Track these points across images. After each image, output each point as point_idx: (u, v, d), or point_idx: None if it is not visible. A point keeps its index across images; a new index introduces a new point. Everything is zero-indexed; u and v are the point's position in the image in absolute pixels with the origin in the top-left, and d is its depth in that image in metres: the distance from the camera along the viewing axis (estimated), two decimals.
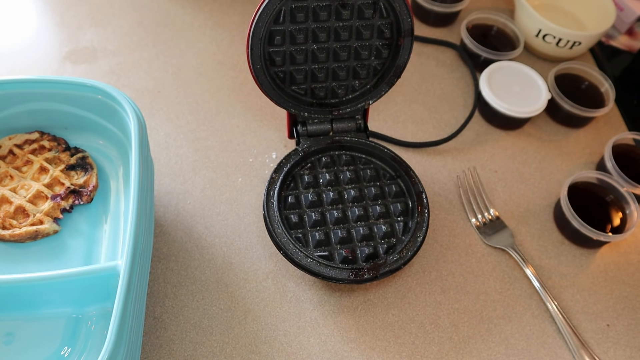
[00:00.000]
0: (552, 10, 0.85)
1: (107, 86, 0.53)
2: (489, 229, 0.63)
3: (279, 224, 0.55)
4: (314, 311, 0.56)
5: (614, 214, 0.64)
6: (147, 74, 0.73)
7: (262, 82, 0.55)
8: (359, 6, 0.53)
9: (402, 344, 0.55)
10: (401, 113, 0.73)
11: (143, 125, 0.52)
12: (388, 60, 0.58)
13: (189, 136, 0.68)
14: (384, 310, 0.57)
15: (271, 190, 0.57)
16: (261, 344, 0.53)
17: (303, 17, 0.53)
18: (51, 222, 0.54)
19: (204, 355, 0.52)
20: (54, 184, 0.56)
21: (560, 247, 0.63)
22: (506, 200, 0.66)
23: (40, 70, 0.72)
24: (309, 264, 0.53)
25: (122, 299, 0.41)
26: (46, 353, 0.47)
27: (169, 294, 0.56)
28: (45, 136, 0.58)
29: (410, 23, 0.54)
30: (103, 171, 0.59)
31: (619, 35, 0.87)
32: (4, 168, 0.56)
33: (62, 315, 0.49)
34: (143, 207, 0.48)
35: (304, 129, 0.60)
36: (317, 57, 0.56)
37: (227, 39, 0.78)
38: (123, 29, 0.77)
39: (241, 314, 0.55)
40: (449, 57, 0.81)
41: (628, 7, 0.86)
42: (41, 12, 0.79)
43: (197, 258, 0.58)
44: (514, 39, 0.80)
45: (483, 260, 0.61)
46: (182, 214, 0.61)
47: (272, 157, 0.67)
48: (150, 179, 0.55)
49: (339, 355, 0.54)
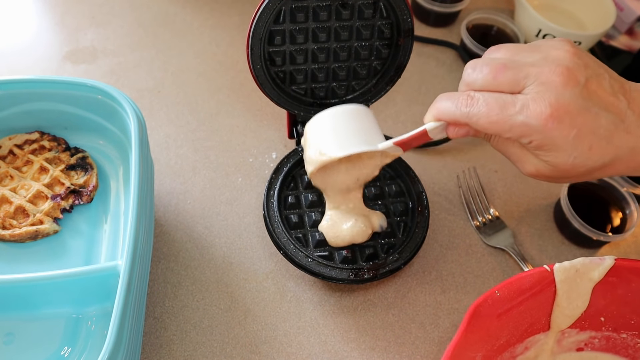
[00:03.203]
0: (552, 10, 0.85)
1: (107, 86, 0.53)
2: (489, 229, 0.63)
3: (279, 224, 0.55)
4: (314, 311, 0.56)
5: (614, 214, 0.64)
6: (147, 74, 0.73)
7: (262, 82, 0.55)
8: (359, 6, 0.53)
9: (402, 344, 0.55)
10: (401, 113, 0.73)
11: (143, 125, 0.52)
12: (388, 60, 0.58)
13: (189, 136, 0.68)
14: (384, 310, 0.57)
15: (271, 190, 0.57)
16: (261, 344, 0.53)
17: (303, 17, 0.53)
18: (51, 222, 0.54)
19: (204, 355, 0.52)
20: (54, 184, 0.56)
21: (560, 247, 0.63)
22: (506, 200, 0.66)
23: (40, 70, 0.72)
24: (309, 264, 0.53)
25: (122, 299, 0.41)
26: (46, 353, 0.47)
27: (169, 294, 0.56)
28: (45, 136, 0.58)
29: (410, 23, 0.54)
30: (103, 171, 0.59)
31: (619, 35, 0.87)
32: (4, 168, 0.56)
33: (62, 315, 0.49)
34: (143, 207, 0.48)
35: (303, 129, 0.60)
36: (317, 57, 0.56)
37: (227, 39, 0.78)
38: (123, 29, 0.77)
39: (241, 314, 0.55)
40: (449, 57, 0.81)
41: (628, 7, 0.86)
42: (41, 12, 0.79)
43: (197, 258, 0.58)
44: (514, 39, 0.80)
45: (483, 260, 0.61)
46: (182, 214, 0.61)
47: (272, 157, 0.67)
48: (150, 179, 0.55)
49: (339, 355, 0.54)
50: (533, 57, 0.41)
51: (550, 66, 0.39)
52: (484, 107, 0.40)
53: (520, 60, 0.41)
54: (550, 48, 0.41)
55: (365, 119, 0.50)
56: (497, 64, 0.41)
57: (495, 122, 0.40)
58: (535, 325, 0.48)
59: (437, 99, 0.44)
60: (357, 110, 0.50)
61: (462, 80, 0.43)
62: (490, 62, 0.41)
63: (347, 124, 0.49)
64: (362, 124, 0.49)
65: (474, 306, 0.43)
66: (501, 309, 0.45)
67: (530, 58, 0.41)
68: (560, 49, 0.41)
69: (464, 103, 0.41)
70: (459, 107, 0.41)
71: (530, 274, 0.45)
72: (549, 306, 0.47)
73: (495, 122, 0.40)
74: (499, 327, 0.46)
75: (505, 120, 0.40)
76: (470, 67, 0.42)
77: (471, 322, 0.42)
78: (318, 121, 0.50)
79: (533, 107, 0.39)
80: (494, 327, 0.45)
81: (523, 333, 0.48)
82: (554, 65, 0.39)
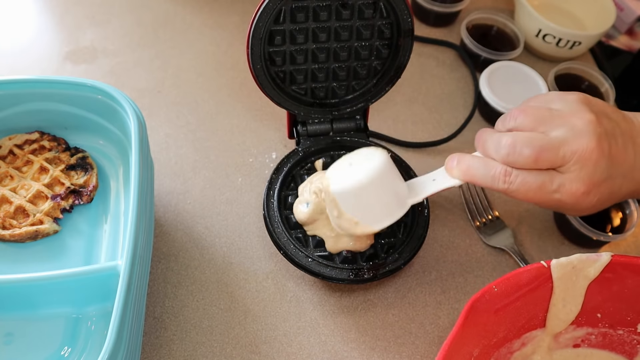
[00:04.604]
0: (552, 10, 0.85)
1: (107, 86, 0.53)
2: (489, 229, 0.63)
3: (279, 224, 0.55)
4: (314, 311, 0.56)
5: (614, 214, 0.64)
6: (147, 74, 0.73)
7: (262, 82, 0.55)
8: (359, 6, 0.53)
9: (402, 344, 0.55)
10: (401, 113, 0.73)
11: (143, 125, 0.52)
12: (388, 60, 0.58)
13: (189, 136, 0.68)
14: (384, 310, 0.57)
15: (271, 190, 0.57)
16: (261, 344, 0.53)
17: (303, 17, 0.53)
18: (51, 222, 0.54)
19: (204, 355, 0.52)
20: (54, 184, 0.56)
21: (560, 247, 0.63)
22: (506, 200, 0.66)
23: (40, 70, 0.72)
24: (309, 264, 0.53)
25: (122, 299, 0.41)
26: (46, 353, 0.47)
27: (169, 294, 0.56)
28: (45, 136, 0.58)
29: (410, 23, 0.54)
30: (103, 171, 0.59)
31: (619, 35, 0.87)
32: (4, 168, 0.56)
33: (62, 315, 0.49)
34: (143, 207, 0.48)
35: (304, 129, 0.60)
36: (317, 57, 0.56)
37: (227, 39, 0.78)
38: (123, 29, 0.77)
39: (241, 314, 0.55)
40: (449, 57, 0.81)
41: (628, 7, 0.86)
42: (41, 12, 0.79)
43: (197, 258, 0.58)
44: (514, 39, 0.80)
45: (483, 260, 0.61)
46: (182, 214, 0.61)
47: (272, 157, 0.67)
48: (150, 179, 0.55)
49: (339, 355, 0.54)
50: (559, 131, 0.44)
51: (581, 143, 0.43)
52: (522, 186, 0.44)
53: (550, 134, 0.44)
54: (570, 116, 0.44)
55: (390, 175, 0.48)
56: (537, 146, 0.43)
57: (532, 198, 0.45)
58: (532, 321, 0.48)
59: (463, 158, 0.47)
60: (384, 169, 0.47)
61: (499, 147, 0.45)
62: (530, 142, 0.44)
63: (380, 193, 0.47)
64: (391, 186, 0.48)
65: (472, 301, 0.43)
66: (499, 304, 0.45)
67: (558, 132, 0.44)
68: (581, 118, 0.44)
69: (501, 179, 0.45)
70: (495, 181, 0.45)
71: (528, 270, 0.46)
72: (545, 302, 0.47)
73: (532, 198, 0.45)
74: (497, 323, 0.46)
75: (540, 197, 0.44)
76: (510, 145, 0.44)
77: (469, 317, 0.42)
78: (348, 189, 0.47)
79: (569, 186, 0.43)
80: (492, 322, 0.45)
81: (520, 329, 0.48)
82: (585, 140, 0.43)
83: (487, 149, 0.46)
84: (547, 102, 0.47)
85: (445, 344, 0.40)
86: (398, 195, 0.48)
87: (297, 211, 0.54)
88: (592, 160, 0.43)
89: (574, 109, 0.45)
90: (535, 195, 0.44)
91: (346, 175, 0.48)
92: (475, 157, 0.47)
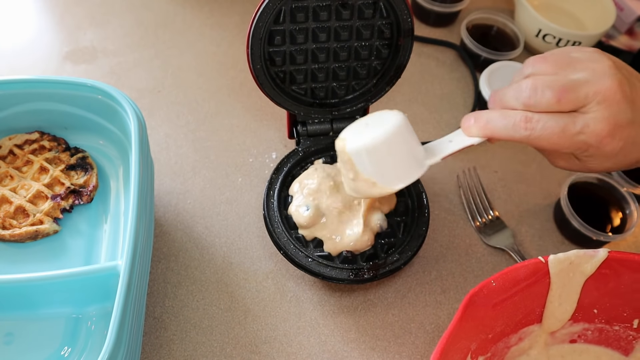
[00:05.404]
0: (552, 10, 0.85)
1: (107, 86, 0.53)
2: (489, 229, 0.63)
3: (279, 224, 0.55)
4: (314, 311, 0.56)
5: (614, 214, 0.64)
6: (147, 74, 0.73)
7: (262, 82, 0.55)
8: (359, 6, 0.53)
9: (402, 344, 0.55)
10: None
11: (143, 125, 0.52)
12: (388, 60, 0.58)
13: (189, 136, 0.68)
14: (384, 310, 0.57)
15: (271, 190, 0.57)
16: (261, 344, 0.53)
17: (303, 17, 0.53)
18: (51, 222, 0.54)
19: (204, 355, 0.52)
20: (54, 184, 0.56)
21: (560, 247, 0.63)
22: (506, 200, 0.66)
23: (40, 70, 0.72)
24: (309, 264, 0.53)
25: (122, 299, 0.41)
26: (46, 353, 0.47)
27: (169, 294, 0.56)
28: (45, 136, 0.58)
29: (410, 23, 0.54)
30: (103, 171, 0.59)
31: (619, 35, 0.87)
32: (4, 168, 0.56)
33: (62, 315, 0.49)
34: (143, 207, 0.48)
35: (304, 129, 0.60)
36: (317, 57, 0.56)
37: (227, 39, 0.78)
38: (123, 29, 0.77)
39: (241, 314, 0.55)
40: (449, 57, 0.81)
41: (628, 7, 0.86)
42: (41, 12, 0.79)
43: (197, 258, 0.58)
44: (514, 39, 0.80)
45: (483, 260, 0.61)
46: (182, 214, 0.61)
47: (272, 157, 0.67)
48: (150, 179, 0.55)
49: (339, 355, 0.54)
50: (580, 74, 0.43)
51: (604, 83, 0.42)
52: (545, 131, 0.43)
53: (570, 77, 0.43)
54: (590, 62, 0.44)
55: (408, 134, 0.46)
56: (559, 87, 0.42)
57: (556, 143, 0.43)
58: (530, 316, 0.48)
59: (480, 114, 0.46)
60: (402, 127, 0.45)
61: (519, 91, 0.44)
62: (551, 84, 0.43)
63: (399, 151, 0.46)
64: (409, 145, 0.46)
65: (470, 295, 0.43)
66: (496, 298, 0.45)
67: (579, 74, 0.43)
68: (600, 62, 0.43)
69: (522, 126, 0.43)
70: (517, 130, 0.43)
71: (526, 265, 0.46)
72: (543, 298, 0.48)
73: (556, 142, 0.43)
74: (494, 317, 0.46)
75: (565, 140, 0.43)
76: (531, 87, 0.43)
77: (466, 311, 0.42)
78: (365, 147, 0.45)
79: (593, 127, 0.42)
80: (489, 316, 0.46)
81: (517, 324, 0.48)
82: (608, 81, 0.42)
83: (506, 98, 0.45)
84: (565, 51, 0.46)
85: (443, 338, 0.40)
86: (416, 155, 0.47)
87: (297, 214, 0.54)
88: (616, 100, 0.42)
89: (593, 57, 0.44)
90: (560, 139, 0.43)
91: (363, 134, 0.46)
92: (492, 111, 0.45)
